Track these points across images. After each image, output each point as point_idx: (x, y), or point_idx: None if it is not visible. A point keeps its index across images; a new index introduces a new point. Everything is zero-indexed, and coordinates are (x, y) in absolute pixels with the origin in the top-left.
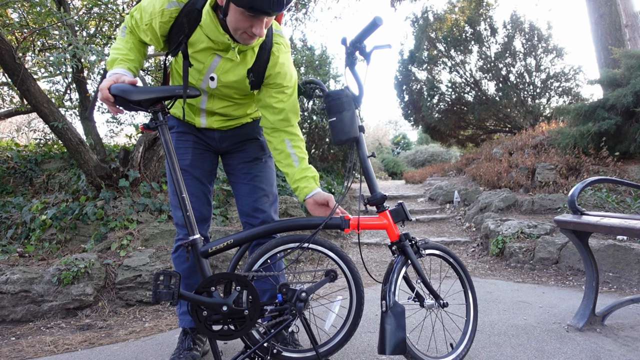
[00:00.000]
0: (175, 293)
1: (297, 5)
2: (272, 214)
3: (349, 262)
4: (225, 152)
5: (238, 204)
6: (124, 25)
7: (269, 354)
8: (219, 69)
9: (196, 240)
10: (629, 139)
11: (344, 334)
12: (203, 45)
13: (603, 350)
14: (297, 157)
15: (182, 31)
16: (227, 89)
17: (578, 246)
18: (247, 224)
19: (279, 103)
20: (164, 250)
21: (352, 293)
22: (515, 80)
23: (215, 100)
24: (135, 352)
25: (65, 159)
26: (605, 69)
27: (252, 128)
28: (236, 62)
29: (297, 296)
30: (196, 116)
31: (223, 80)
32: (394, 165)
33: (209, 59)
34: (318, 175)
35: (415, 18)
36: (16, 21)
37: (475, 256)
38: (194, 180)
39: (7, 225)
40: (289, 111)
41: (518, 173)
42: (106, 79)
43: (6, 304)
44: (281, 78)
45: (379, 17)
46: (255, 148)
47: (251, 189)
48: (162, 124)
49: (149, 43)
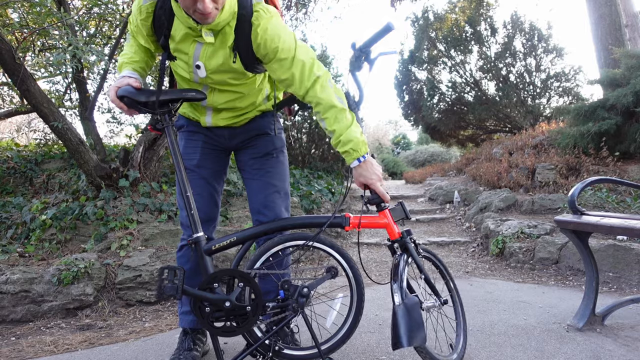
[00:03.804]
0: (179, 287)
1: (297, 5)
2: (283, 211)
3: (350, 260)
4: (236, 149)
5: (249, 201)
6: (128, 32)
7: (271, 351)
8: (202, 55)
9: (199, 238)
10: (629, 139)
11: (345, 332)
12: (182, 33)
13: (603, 350)
14: (327, 130)
15: (163, 25)
16: (218, 75)
17: (578, 246)
18: (257, 221)
19: (284, 73)
20: (164, 250)
21: (353, 291)
22: (515, 80)
23: (215, 93)
24: (135, 352)
25: (65, 159)
26: (605, 69)
27: (262, 122)
28: (217, 45)
29: (299, 292)
30: (201, 115)
31: (209, 66)
32: (394, 165)
33: (192, 48)
34: (355, 142)
35: (415, 18)
36: (16, 21)
37: (475, 256)
38: (201, 180)
39: (7, 225)
40: (299, 79)
41: (518, 173)
42: (113, 84)
43: (6, 304)
44: (271, 46)
45: (392, 23)
46: (266, 143)
47: (262, 185)
48: (169, 125)
49: (146, 46)
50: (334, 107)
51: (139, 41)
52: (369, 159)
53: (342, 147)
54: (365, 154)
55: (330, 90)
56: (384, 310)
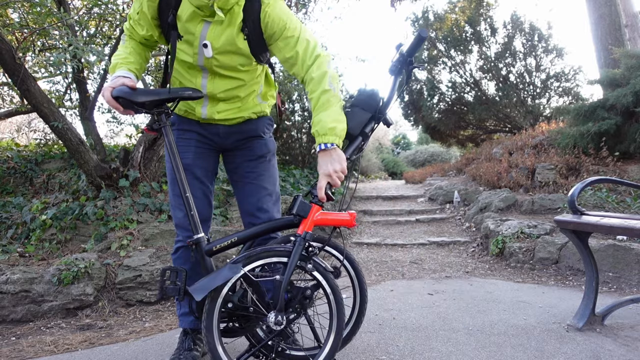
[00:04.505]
0: (181, 289)
1: (297, 5)
2: (275, 213)
3: (353, 261)
4: (228, 150)
5: (241, 204)
6: (123, 34)
7: (274, 352)
8: (210, 35)
9: (200, 239)
10: (629, 139)
11: (347, 332)
12: (189, 12)
13: (603, 350)
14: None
15: (170, 4)
16: (225, 57)
17: (578, 246)
18: (250, 224)
19: (289, 51)
20: (164, 250)
21: (356, 291)
22: (515, 80)
23: (216, 79)
24: (135, 352)
25: (66, 159)
26: (605, 69)
27: (258, 125)
28: (225, 24)
29: (303, 293)
30: (197, 105)
31: (217, 45)
32: (394, 165)
33: (199, 28)
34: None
35: (415, 18)
36: (16, 21)
37: (475, 256)
38: (195, 180)
39: (7, 225)
40: (302, 57)
41: (518, 173)
42: (107, 84)
43: (6, 304)
44: (279, 25)
45: (424, 30)
46: (260, 146)
47: (255, 188)
48: (165, 125)
49: (147, 37)
50: (321, 88)
51: (139, 32)
52: (332, 149)
53: (313, 127)
54: (330, 143)
55: (324, 71)
56: (383, 310)
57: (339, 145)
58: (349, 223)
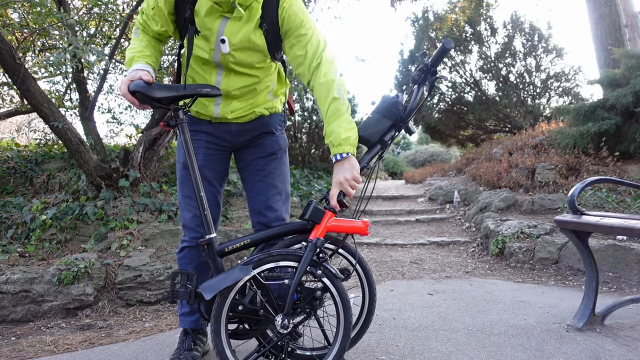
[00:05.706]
0: (192, 292)
1: None
2: (284, 213)
3: (362, 261)
4: (240, 148)
5: (250, 202)
6: (135, 28)
7: (283, 352)
8: (227, 31)
9: (213, 239)
10: (629, 139)
11: (356, 332)
12: (208, 7)
13: (603, 350)
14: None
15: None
16: (242, 53)
17: (578, 246)
18: (258, 223)
19: (300, 49)
20: (164, 250)
21: (365, 291)
22: (515, 80)
23: (231, 77)
24: (135, 352)
25: (66, 159)
26: (605, 69)
27: (269, 122)
28: (244, 20)
29: (312, 294)
30: (210, 104)
31: (234, 41)
32: (394, 165)
33: (216, 23)
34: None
35: (415, 18)
36: (16, 21)
37: (475, 256)
38: (204, 181)
39: (7, 225)
40: (310, 57)
41: (518, 173)
42: (125, 77)
43: (6, 304)
44: (295, 20)
45: (448, 41)
46: (271, 143)
47: (265, 186)
48: (183, 122)
49: (161, 32)
50: (330, 95)
51: (153, 28)
52: (347, 159)
53: (327, 138)
54: (345, 153)
55: (332, 79)
56: (383, 310)
57: (353, 153)
58: (361, 231)
